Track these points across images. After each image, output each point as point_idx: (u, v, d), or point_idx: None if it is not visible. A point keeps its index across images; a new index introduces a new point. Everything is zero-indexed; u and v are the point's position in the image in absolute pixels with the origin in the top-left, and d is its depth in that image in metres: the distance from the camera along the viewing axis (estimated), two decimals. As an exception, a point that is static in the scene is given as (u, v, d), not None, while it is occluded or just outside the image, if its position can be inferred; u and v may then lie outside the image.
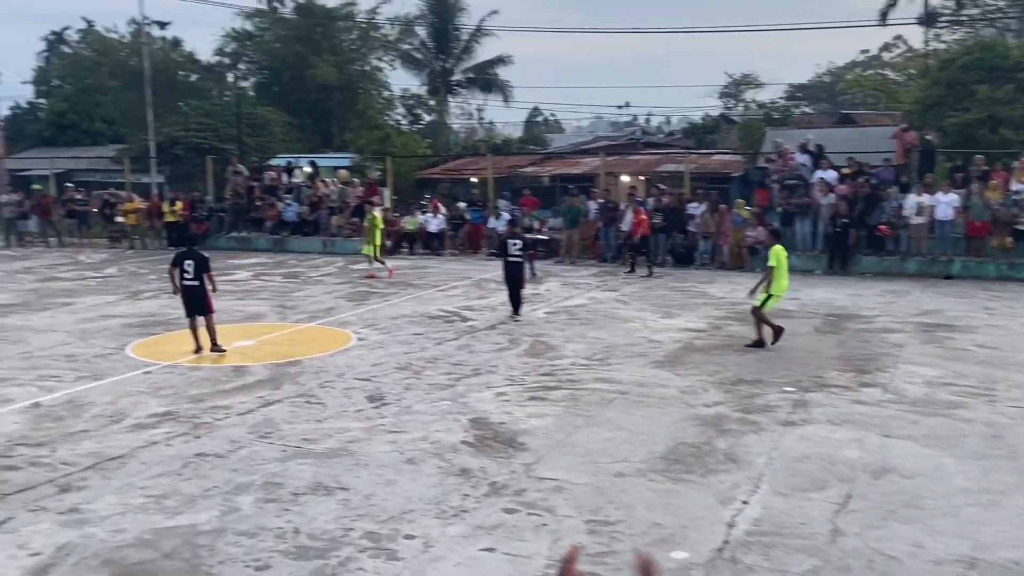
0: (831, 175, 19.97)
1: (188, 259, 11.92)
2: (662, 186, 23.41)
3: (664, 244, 20.79)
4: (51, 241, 27.20)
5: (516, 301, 14.44)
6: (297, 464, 7.66)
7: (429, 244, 23.91)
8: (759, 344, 11.85)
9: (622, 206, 21.23)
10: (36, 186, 30.94)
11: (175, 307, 15.64)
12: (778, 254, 11.92)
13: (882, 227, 18.89)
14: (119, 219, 26.79)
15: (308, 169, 27.82)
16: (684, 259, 20.51)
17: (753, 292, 12.15)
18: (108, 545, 6.11)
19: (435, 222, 23.90)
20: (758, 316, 11.98)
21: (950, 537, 6.14)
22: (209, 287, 12.00)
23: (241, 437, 8.38)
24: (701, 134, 39.27)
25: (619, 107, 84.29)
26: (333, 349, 12.15)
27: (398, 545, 6.08)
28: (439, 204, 24.80)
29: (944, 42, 37.07)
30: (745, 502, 6.80)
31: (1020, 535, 6.16)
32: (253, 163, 28.42)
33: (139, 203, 26.81)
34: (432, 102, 48.22)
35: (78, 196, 28.34)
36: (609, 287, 17.75)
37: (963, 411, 8.98)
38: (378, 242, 19.38)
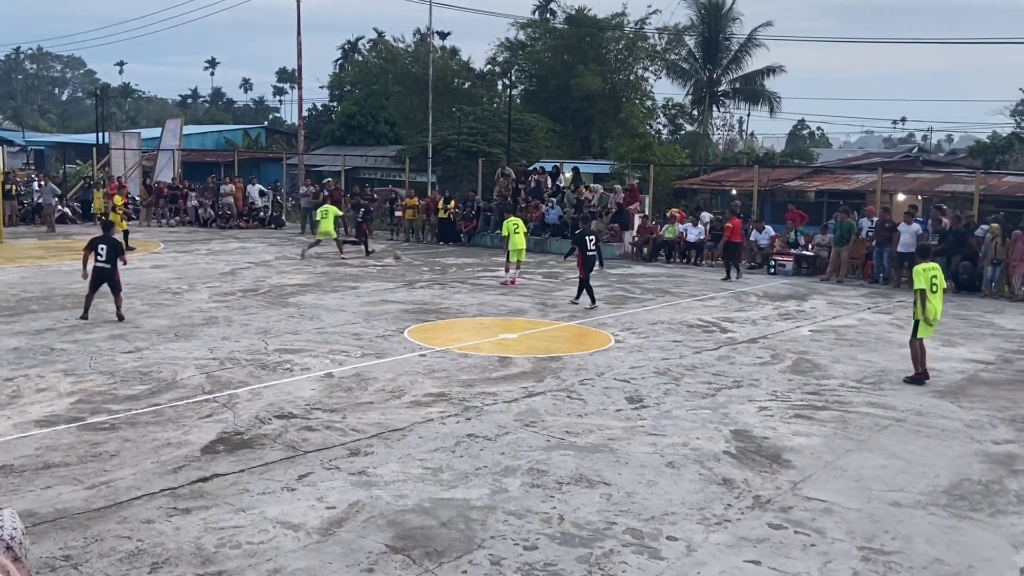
0: None
1: (102, 243, 13.52)
2: (943, 206, 21.70)
3: (945, 269, 19.21)
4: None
5: (591, 291, 15.79)
6: (560, 455, 7.93)
7: (687, 253, 23.71)
8: (918, 377, 10.88)
9: (900, 226, 19.91)
10: (327, 179, 34.03)
11: (446, 297, 16.76)
12: (919, 274, 10.73)
13: None
14: (398, 214, 28.89)
15: (570, 175, 28.54)
16: (968, 286, 18.89)
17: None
18: (393, 508, 6.67)
19: (694, 232, 23.67)
20: (911, 347, 11.01)
21: None
22: (120, 265, 13.73)
23: (507, 423, 8.80)
24: (990, 154, 35.91)
25: (894, 122, 79.09)
26: (592, 348, 12.42)
27: (660, 545, 6.14)
28: (682, 215, 24.63)
29: None
30: (1042, 550, 6.21)
31: None
32: (520, 166, 29.55)
33: (417, 200, 28.75)
34: (695, 112, 47.71)
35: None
36: (881, 309, 16.73)
37: None
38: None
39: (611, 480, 7.34)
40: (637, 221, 25.05)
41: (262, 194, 33.41)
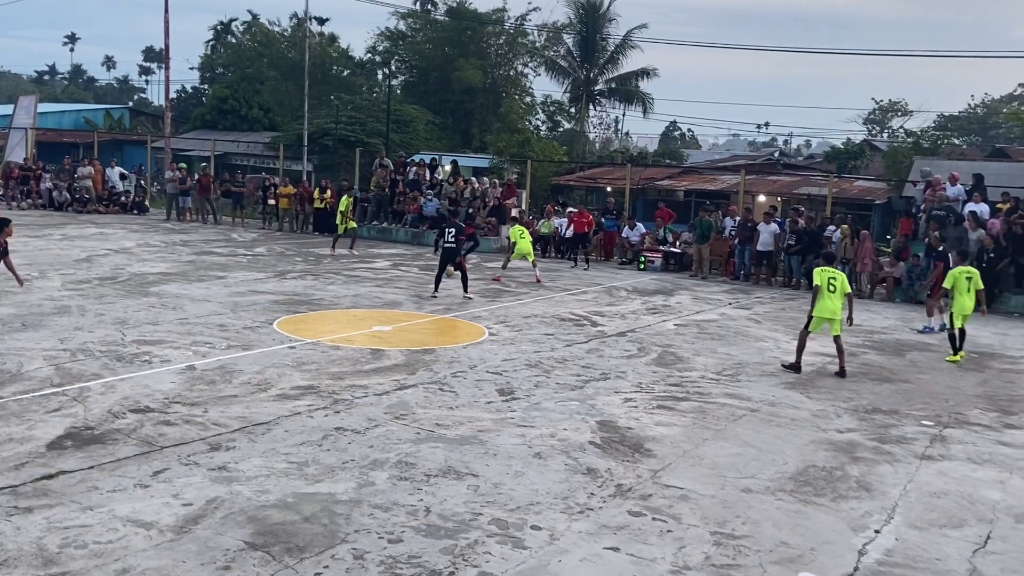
0: (983, 209, 19.03)
1: None
2: (801, 208, 22.85)
3: (799, 267, 20.29)
4: (207, 218, 28.88)
5: (439, 281, 16.35)
6: (429, 447, 7.94)
7: (562, 248, 24.09)
8: (795, 365, 11.76)
9: (760, 226, 20.86)
10: (203, 164, 32.84)
11: (319, 288, 16.47)
12: (817, 274, 11.81)
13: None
14: (271, 202, 28.19)
15: (449, 167, 28.54)
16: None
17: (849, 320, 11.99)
18: (254, 504, 6.51)
19: (570, 231, 24.06)
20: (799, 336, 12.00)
21: (1100, 593, 5.83)
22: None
23: (377, 416, 8.74)
24: (843, 159, 37.99)
25: (758, 126, 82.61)
26: (466, 341, 12.48)
27: (524, 534, 6.23)
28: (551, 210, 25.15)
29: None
30: (877, 531, 6.63)
31: None
32: (399, 158, 29.35)
33: (291, 188, 28.12)
34: (572, 110, 48.52)
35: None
36: (742, 304, 17.48)
37: (1122, 465, 8.45)
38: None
39: (479, 472, 7.40)
40: (514, 215, 25.27)
41: (123, 177, 31.91)
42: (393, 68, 47.41)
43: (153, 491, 6.63)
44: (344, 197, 22.39)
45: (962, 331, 13.09)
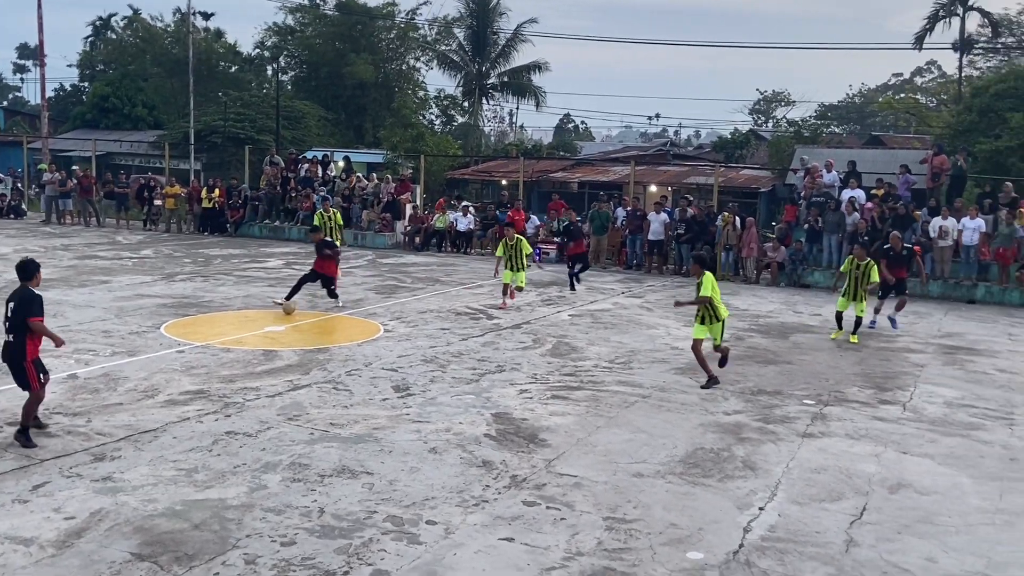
0: (859, 194, 19.98)
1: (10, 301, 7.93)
2: (689, 197, 23.50)
3: (688, 255, 20.85)
4: (90, 221, 27.72)
5: (332, 293, 15.05)
6: (324, 447, 7.86)
7: (457, 243, 24.13)
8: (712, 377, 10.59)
9: (650, 216, 21.36)
10: (74, 167, 31.48)
11: (209, 289, 16.04)
12: (710, 282, 10.72)
13: (916, 248, 18.86)
14: (157, 203, 27.26)
15: (342, 163, 28.19)
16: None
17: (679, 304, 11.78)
18: (140, 513, 6.33)
19: (464, 221, 24.12)
20: (696, 353, 10.66)
21: (964, 554, 6.22)
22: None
23: (270, 418, 8.60)
24: (730, 149, 39.19)
25: (649, 118, 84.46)
26: (361, 339, 12.38)
27: (420, 530, 6.26)
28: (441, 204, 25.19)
29: (978, 69, 36.89)
30: (761, 508, 6.91)
31: (1033, 556, 6.22)
32: (289, 155, 28.82)
33: (179, 188, 27.26)
34: (465, 104, 48.55)
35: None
36: (634, 293, 17.87)
37: (981, 433, 9.03)
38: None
39: (374, 469, 7.37)
40: (409, 211, 25.17)
41: (-3, 180, 30.34)
42: (283, 63, 46.44)
43: (33, 506, 6.37)
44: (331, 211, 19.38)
45: (857, 319, 13.76)
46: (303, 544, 5.94)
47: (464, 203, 25.02)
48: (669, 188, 29.35)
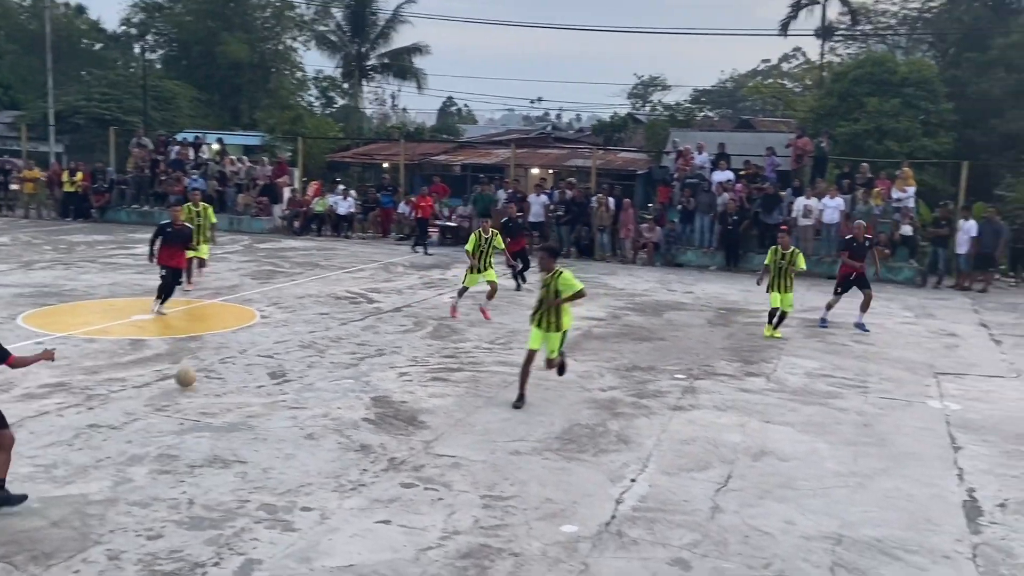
0: (728, 175, 20.73)
1: None
2: (572, 180, 23.82)
3: (568, 236, 21.20)
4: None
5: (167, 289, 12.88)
6: (194, 437, 7.63)
7: (338, 227, 23.75)
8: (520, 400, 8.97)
9: (530, 197, 21.56)
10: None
11: (72, 278, 15.27)
12: (569, 281, 8.74)
13: (783, 227, 19.70)
14: (14, 187, 25.72)
15: (216, 146, 27.26)
16: (587, 251, 20.96)
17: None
18: (-6, 513, 6.00)
19: (344, 204, 23.76)
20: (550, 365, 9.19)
21: (820, 516, 6.57)
22: None
23: (136, 409, 8.29)
24: (609, 132, 39.91)
25: (532, 101, 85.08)
26: (235, 326, 12.05)
27: (294, 517, 6.17)
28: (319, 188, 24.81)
29: (839, 55, 38.73)
30: (633, 480, 7.12)
31: (883, 515, 6.62)
32: (159, 137, 27.66)
33: (37, 172, 25.78)
34: (345, 86, 47.69)
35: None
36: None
37: (838, 401, 9.55)
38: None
39: (247, 458, 7.21)
40: (287, 195, 24.60)
41: None
42: (151, 41, 44.44)
43: None
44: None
45: (783, 313, 12.81)
46: (171, 537, 5.77)
47: (340, 185, 24.62)
48: (550, 171, 29.66)
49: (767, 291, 13.07)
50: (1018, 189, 23.17)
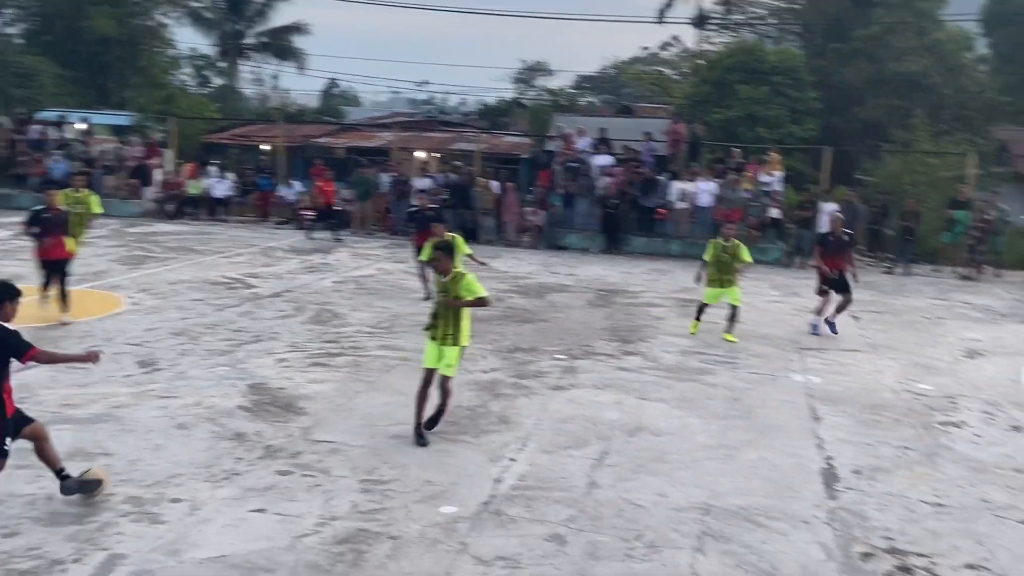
0: (607, 160, 21.13)
1: None
2: (458, 163, 23.78)
3: (454, 221, 21.15)
4: None
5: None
6: (55, 430, 7.21)
7: (214, 210, 23.00)
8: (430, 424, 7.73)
9: (412, 181, 21.43)
10: None
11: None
12: (472, 286, 7.64)
13: (661, 210, 20.25)
14: None
15: (81, 125, 25.93)
16: (471, 235, 20.96)
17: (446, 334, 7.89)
18: None
19: (221, 187, 23.03)
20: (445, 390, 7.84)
21: (690, 487, 6.82)
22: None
23: (-8, 403, 7.83)
24: (494, 116, 40.05)
25: (417, 84, 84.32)
26: (102, 314, 11.54)
27: (162, 509, 5.98)
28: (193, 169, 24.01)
29: (713, 44, 39.89)
30: (513, 459, 7.21)
31: (749, 484, 6.92)
32: (18, 115, 26.10)
33: None
34: (222, 65, 46.11)
35: None
36: (398, 258, 17.86)
37: (710, 377, 9.91)
38: None
39: (113, 450, 6.94)
40: (159, 177, 23.65)
41: None
42: (9, 14, 41.79)
43: None
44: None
45: (733, 309, 11.73)
46: (28, 534, 5.51)
47: (212, 166, 23.83)
48: (436, 154, 29.52)
49: (707, 287, 11.93)
50: (876, 174, 24.44)
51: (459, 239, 11.37)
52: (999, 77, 38.49)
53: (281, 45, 44.96)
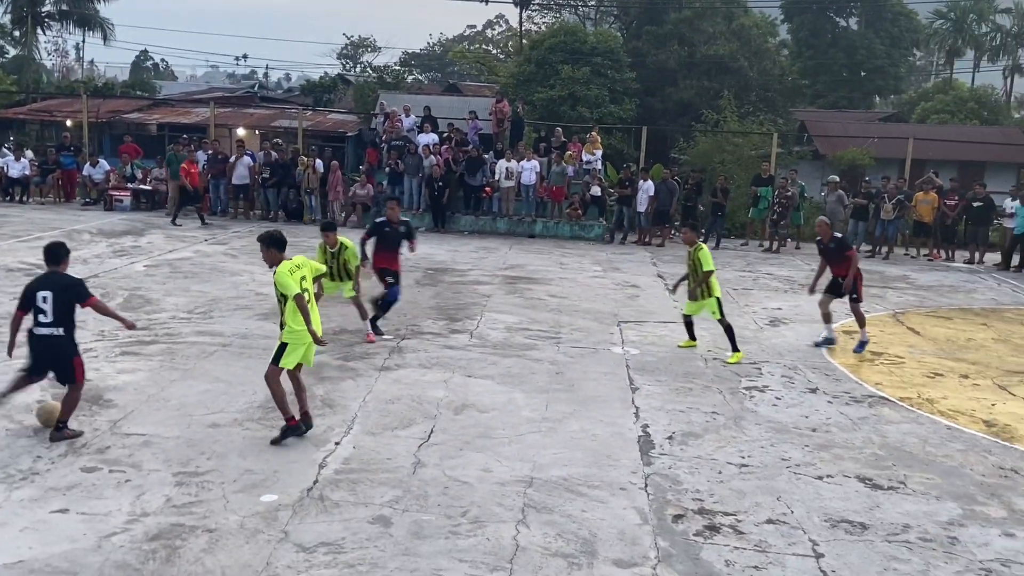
0: (433, 138, 21.10)
1: (44, 289, 7.03)
2: (279, 141, 23.03)
3: (276, 199, 20.56)
4: None
5: None
6: None
7: (10, 191, 21.24)
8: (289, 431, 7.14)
9: (232, 158, 20.60)
10: None
11: None
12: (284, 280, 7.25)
13: (487, 189, 20.42)
14: None
15: None
16: (295, 215, 20.45)
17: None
18: None
19: (17, 167, 21.29)
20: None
21: (514, 461, 6.96)
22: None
23: None
24: (319, 93, 39.01)
25: (237, 59, 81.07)
26: None
27: (-49, 516, 5.51)
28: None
29: (537, 24, 40.57)
30: (337, 443, 7.11)
31: (570, 455, 7.14)
32: None
33: None
34: (16, 34, 42.51)
35: None
36: (217, 240, 17.18)
37: (534, 352, 10.13)
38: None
39: None
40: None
41: None
42: None
43: None
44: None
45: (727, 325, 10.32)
46: None
47: (6, 145, 22.03)
48: (256, 131, 28.48)
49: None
50: (689, 152, 25.65)
51: (350, 249, 10.62)
52: (799, 61, 41.34)
53: (84, 14, 41.91)
